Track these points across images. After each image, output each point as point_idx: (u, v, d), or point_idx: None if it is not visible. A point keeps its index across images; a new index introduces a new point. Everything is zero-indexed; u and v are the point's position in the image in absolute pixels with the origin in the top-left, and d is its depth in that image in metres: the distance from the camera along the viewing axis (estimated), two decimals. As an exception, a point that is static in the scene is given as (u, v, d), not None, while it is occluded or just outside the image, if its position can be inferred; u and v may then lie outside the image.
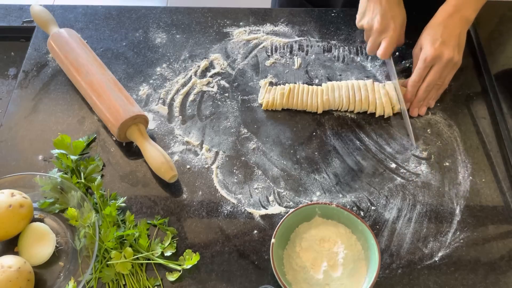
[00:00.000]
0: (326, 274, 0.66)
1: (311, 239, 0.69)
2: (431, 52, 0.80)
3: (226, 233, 0.74)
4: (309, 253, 0.68)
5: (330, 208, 0.70)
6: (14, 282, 0.64)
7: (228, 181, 0.79)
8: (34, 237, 0.71)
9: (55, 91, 0.89)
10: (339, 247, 0.68)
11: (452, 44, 0.80)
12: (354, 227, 0.70)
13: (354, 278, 0.67)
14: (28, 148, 0.82)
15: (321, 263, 0.67)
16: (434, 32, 0.82)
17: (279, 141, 0.84)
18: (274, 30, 0.98)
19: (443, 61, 0.80)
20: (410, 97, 0.85)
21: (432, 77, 0.82)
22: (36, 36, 0.97)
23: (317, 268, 0.67)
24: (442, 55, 0.80)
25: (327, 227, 0.71)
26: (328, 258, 0.68)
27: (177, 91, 0.90)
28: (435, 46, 0.80)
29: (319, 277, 0.66)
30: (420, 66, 0.82)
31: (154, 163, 0.77)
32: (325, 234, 0.70)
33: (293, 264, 0.68)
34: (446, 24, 0.81)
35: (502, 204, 0.77)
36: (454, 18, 0.81)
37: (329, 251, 0.68)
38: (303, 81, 0.91)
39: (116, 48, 0.95)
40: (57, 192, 0.75)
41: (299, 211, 0.70)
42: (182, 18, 1.00)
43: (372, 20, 0.85)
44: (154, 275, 0.70)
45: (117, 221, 0.73)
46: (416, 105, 0.85)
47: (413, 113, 0.86)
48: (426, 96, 0.84)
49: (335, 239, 0.69)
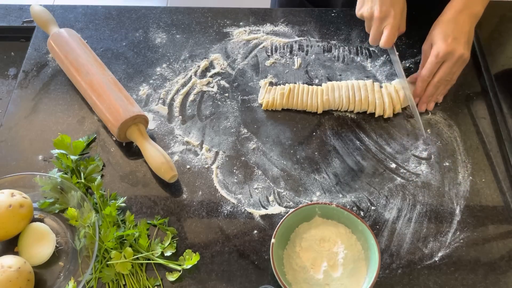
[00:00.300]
0: (326, 274, 0.66)
1: (311, 239, 0.69)
2: (443, 48, 0.80)
3: (226, 233, 0.74)
4: (309, 253, 0.69)
5: (330, 208, 0.70)
6: (14, 282, 0.64)
7: (228, 181, 0.79)
8: (34, 237, 0.71)
9: (55, 91, 0.89)
10: (339, 247, 0.68)
11: (463, 40, 0.81)
12: (354, 227, 0.70)
13: (354, 278, 0.67)
14: (28, 148, 0.82)
15: (321, 263, 0.67)
16: (445, 28, 0.82)
17: (279, 141, 0.84)
18: (274, 30, 0.98)
19: (454, 57, 0.80)
20: (420, 92, 0.85)
21: (443, 73, 0.82)
22: (36, 36, 0.97)
23: (317, 268, 0.67)
24: (454, 51, 0.80)
25: (327, 227, 0.71)
26: (328, 258, 0.68)
27: (177, 91, 0.90)
28: (448, 42, 0.80)
29: (319, 277, 0.66)
30: (432, 61, 0.81)
31: (154, 163, 0.77)
32: (325, 234, 0.70)
33: (293, 264, 0.68)
34: (457, 21, 0.81)
35: (502, 204, 0.77)
36: (464, 14, 0.81)
37: (329, 251, 0.68)
38: (303, 81, 0.91)
39: (116, 48, 0.95)
40: (57, 192, 0.75)
41: (299, 211, 0.70)
42: (182, 18, 1.00)
43: (371, 8, 0.84)
44: (154, 275, 0.70)
45: (117, 221, 0.73)
46: (425, 100, 0.86)
47: (422, 108, 0.86)
48: (435, 91, 0.85)
49: (335, 239, 0.69)
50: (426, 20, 0.87)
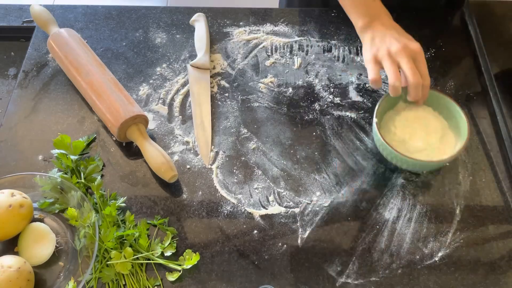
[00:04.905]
0: (424, 141, 0.77)
1: (404, 119, 0.79)
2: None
3: (226, 233, 0.74)
4: (405, 128, 0.78)
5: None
6: (14, 282, 0.64)
7: (228, 181, 0.79)
8: (34, 237, 0.71)
9: (55, 91, 0.89)
10: (429, 120, 0.79)
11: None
12: (434, 104, 0.80)
13: (447, 143, 0.77)
14: (28, 148, 0.82)
15: (417, 133, 0.78)
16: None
17: (279, 141, 0.84)
18: (274, 30, 0.98)
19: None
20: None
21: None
22: (36, 36, 0.97)
23: (415, 138, 0.77)
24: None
25: (413, 107, 0.80)
26: (422, 129, 0.78)
27: (177, 91, 0.90)
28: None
29: (419, 145, 0.76)
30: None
31: (154, 163, 0.77)
32: (413, 113, 0.80)
33: (391, 141, 0.76)
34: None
35: (502, 204, 0.77)
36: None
37: (421, 124, 0.79)
38: (303, 81, 0.91)
39: (116, 48, 0.95)
40: (57, 192, 0.75)
41: (388, 97, 0.78)
42: (182, 18, 1.00)
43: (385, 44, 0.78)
44: (154, 275, 0.70)
45: (117, 221, 0.73)
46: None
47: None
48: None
49: (424, 115, 0.80)
50: (426, 20, 0.87)
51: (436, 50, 0.94)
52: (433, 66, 0.92)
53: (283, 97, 0.89)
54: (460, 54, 0.94)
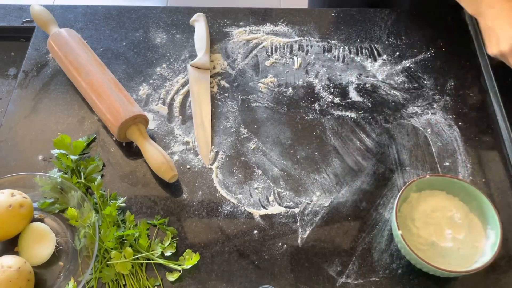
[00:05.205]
0: (454, 239, 0.67)
1: (422, 215, 0.70)
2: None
3: (226, 233, 0.74)
4: (428, 227, 0.69)
5: (424, 180, 0.71)
6: (14, 282, 0.64)
7: (228, 181, 0.79)
8: (34, 237, 0.71)
9: (55, 91, 0.89)
10: (449, 209, 0.70)
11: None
12: (447, 187, 0.72)
13: (475, 231, 0.69)
14: (28, 148, 0.82)
15: (444, 231, 0.68)
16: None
17: (279, 141, 0.84)
18: (274, 30, 0.98)
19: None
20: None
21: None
22: (36, 36, 0.97)
23: (443, 238, 0.68)
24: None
25: (427, 198, 0.72)
26: (447, 224, 0.69)
27: (177, 91, 0.90)
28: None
29: (450, 245, 0.67)
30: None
31: (154, 163, 0.77)
32: (431, 205, 0.70)
33: (418, 245, 0.68)
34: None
35: (502, 204, 0.77)
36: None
37: (443, 217, 0.69)
38: (303, 81, 0.91)
39: (116, 48, 0.95)
40: (57, 192, 0.75)
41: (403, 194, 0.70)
42: (182, 18, 1.00)
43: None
44: (154, 275, 0.70)
45: (117, 221, 0.73)
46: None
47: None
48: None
49: (442, 204, 0.70)
50: (426, 20, 0.87)
51: (436, 50, 0.94)
52: (433, 66, 0.92)
53: (283, 97, 0.89)
54: (460, 54, 0.94)
